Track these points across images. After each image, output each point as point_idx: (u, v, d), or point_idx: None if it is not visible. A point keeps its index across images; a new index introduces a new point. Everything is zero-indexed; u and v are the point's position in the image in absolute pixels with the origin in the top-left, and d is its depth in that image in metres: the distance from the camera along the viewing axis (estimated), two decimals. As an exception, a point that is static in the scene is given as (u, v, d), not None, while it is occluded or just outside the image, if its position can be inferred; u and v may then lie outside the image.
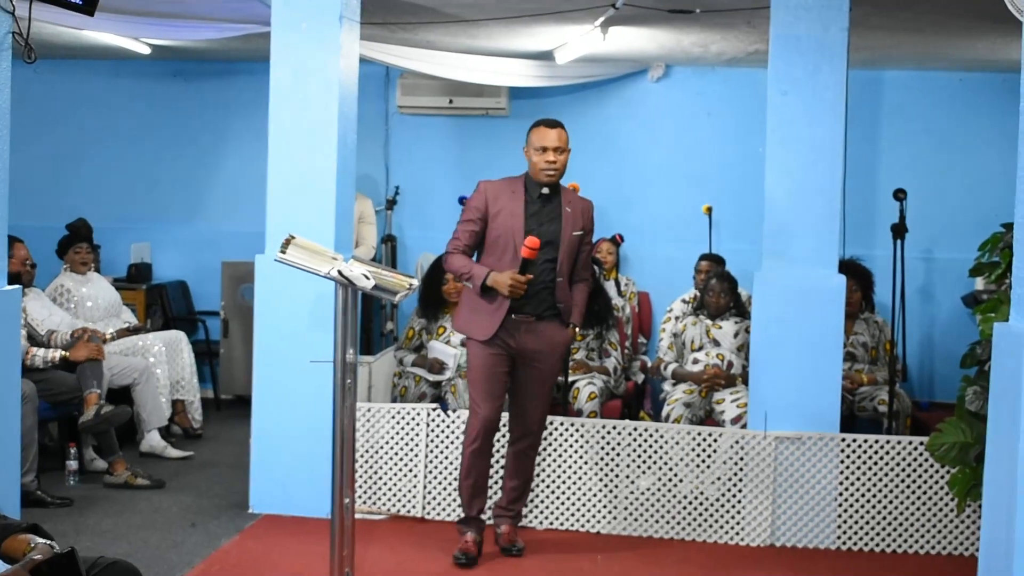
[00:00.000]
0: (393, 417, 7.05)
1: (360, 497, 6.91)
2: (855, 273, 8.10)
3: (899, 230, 7.65)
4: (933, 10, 7.74)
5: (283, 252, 5.14)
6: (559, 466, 6.88)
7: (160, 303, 10.60)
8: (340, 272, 5.03)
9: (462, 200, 10.51)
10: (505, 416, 6.57)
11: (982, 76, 10.65)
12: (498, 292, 6.12)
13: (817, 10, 6.68)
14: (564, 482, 6.87)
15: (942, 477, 6.61)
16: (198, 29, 8.50)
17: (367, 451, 7.01)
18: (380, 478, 7.03)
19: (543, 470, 6.87)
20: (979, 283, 9.66)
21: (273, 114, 6.99)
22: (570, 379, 7.76)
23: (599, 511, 6.86)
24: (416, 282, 5.38)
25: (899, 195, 7.87)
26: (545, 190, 6.26)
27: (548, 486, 6.88)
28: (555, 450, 6.89)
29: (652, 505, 6.84)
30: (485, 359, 6.23)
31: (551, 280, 6.24)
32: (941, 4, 7.53)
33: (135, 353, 8.56)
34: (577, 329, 6.48)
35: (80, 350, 7.58)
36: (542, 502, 6.88)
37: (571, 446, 6.88)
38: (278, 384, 6.98)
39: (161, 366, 8.61)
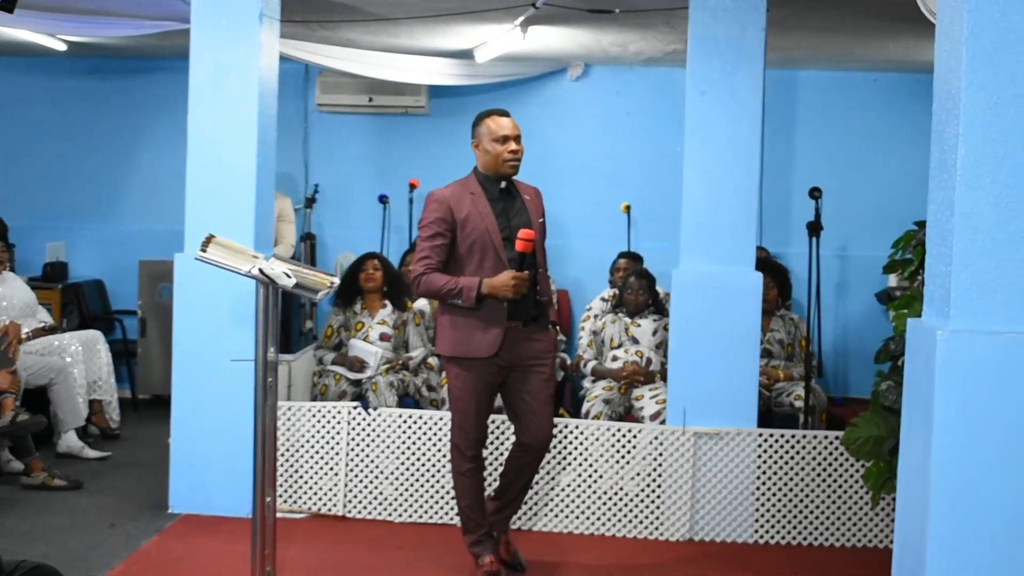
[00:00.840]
0: (314, 416, 7.04)
1: (281, 496, 6.89)
2: (772, 270, 8.20)
3: (815, 228, 7.77)
4: (848, 12, 7.86)
5: (203, 251, 5.12)
6: (480, 463, 6.91)
7: (76, 302, 10.50)
8: (261, 271, 5.01)
9: (382, 199, 10.55)
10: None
11: (896, 76, 10.82)
12: (497, 298, 5.71)
13: (735, 11, 6.75)
14: (484, 478, 6.89)
15: (857, 471, 6.71)
16: (116, 26, 8.42)
17: (288, 450, 7.00)
18: (301, 477, 7.02)
19: (464, 467, 6.89)
20: (892, 280, 9.80)
21: (192, 112, 6.96)
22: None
23: (521, 507, 6.89)
24: (337, 280, 5.38)
25: (815, 193, 8.00)
26: (503, 184, 5.91)
27: (469, 483, 6.90)
28: (476, 447, 6.91)
29: (572, 501, 6.88)
30: (478, 381, 5.85)
31: (533, 274, 5.84)
32: (856, 6, 7.64)
33: (51, 353, 8.47)
34: (558, 329, 6.06)
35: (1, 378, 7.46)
36: (463, 499, 6.90)
37: (490, 443, 6.90)
38: (198, 383, 6.94)
39: (78, 366, 8.52)
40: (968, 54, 3.25)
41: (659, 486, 6.86)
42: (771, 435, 6.83)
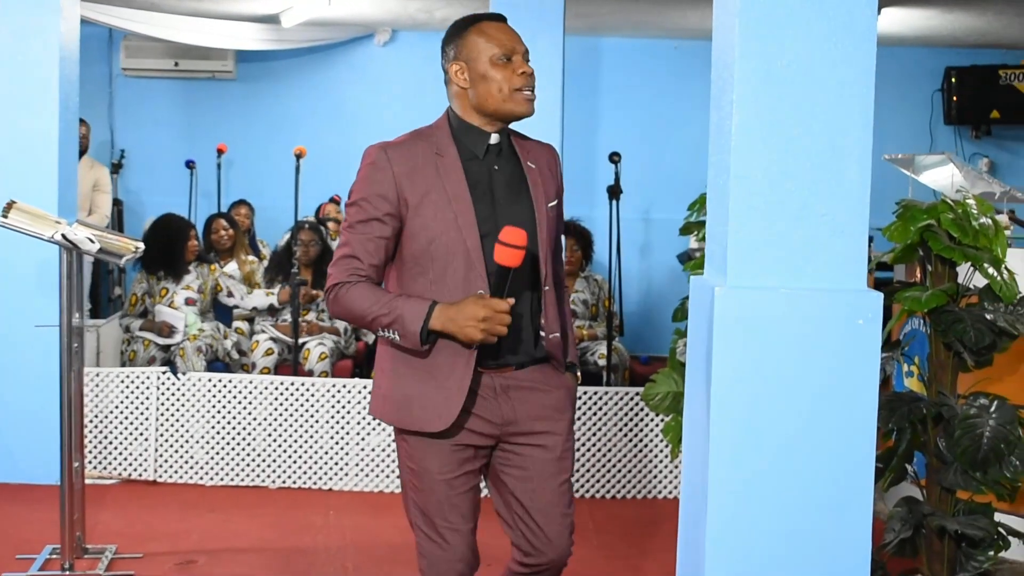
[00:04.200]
0: (122, 381, 7.02)
1: (90, 463, 6.87)
2: (575, 233, 8.40)
3: (615, 191, 7.99)
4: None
5: (4, 217, 5.10)
6: (290, 425, 6.97)
7: None
8: (64, 236, 5.02)
9: (189, 164, 10.49)
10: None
11: (696, 44, 11.13)
12: (456, 340, 3.48)
13: (535, -22, 6.92)
14: (296, 440, 6.97)
15: (657, 425, 6.95)
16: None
17: (96, 416, 6.97)
18: (111, 443, 7.00)
19: (275, 429, 6.95)
20: (693, 241, 10.10)
21: (-9, 77, 6.87)
22: (300, 340, 7.86)
23: (331, 468, 6.99)
24: (142, 245, 5.39)
25: (614, 158, 8.23)
26: (495, 138, 3.63)
27: (280, 445, 6.97)
28: (286, 410, 6.97)
29: (381, 461, 6.99)
30: (439, 464, 3.59)
31: (533, 296, 3.70)
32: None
33: None
34: (579, 374, 3.95)
35: None
36: (274, 461, 6.96)
37: (302, 406, 6.98)
38: (2, 350, 6.87)
39: None
40: (741, 26, 3.45)
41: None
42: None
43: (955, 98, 11.19)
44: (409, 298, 3.49)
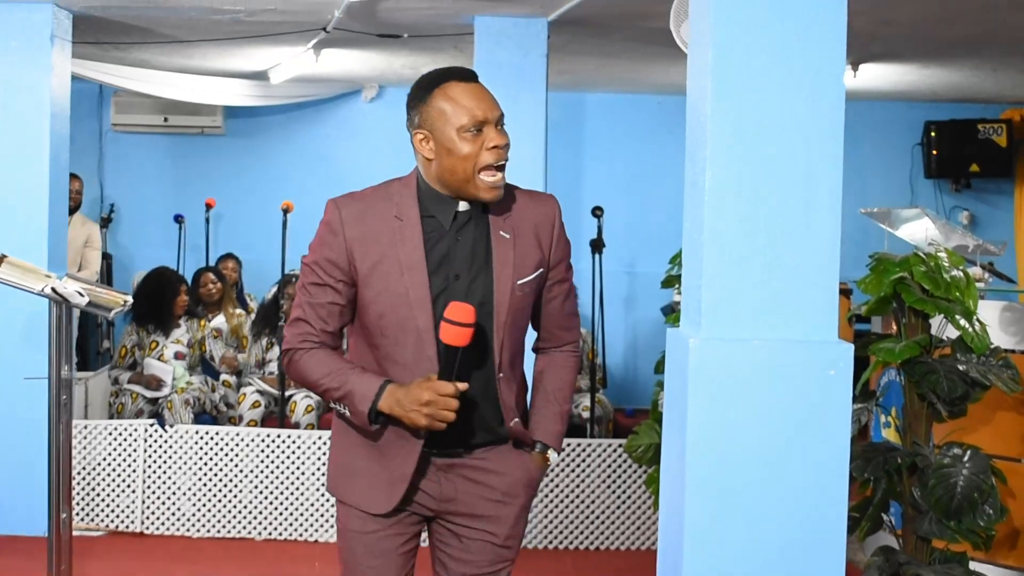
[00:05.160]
0: (110, 434, 7.08)
1: (78, 515, 6.91)
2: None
3: (597, 245, 8.08)
4: (627, 38, 8.18)
5: (-5, 271, 5.16)
6: (277, 477, 7.02)
7: None
8: (54, 289, 5.08)
9: (178, 218, 10.57)
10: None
11: (679, 99, 11.23)
12: (402, 424, 3.24)
13: (517, 37, 7.03)
14: (282, 492, 7.02)
15: (640, 477, 7.01)
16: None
17: (85, 468, 7.02)
18: (98, 495, 7.04)
19: (262, 481, 7.00)
20: (675, 294, 10.19)
21: (-18, 134, 6.96)
22: (287, 393, 7.92)
23: (317, 520, 7.03)
24: (130, 299, 5.45)
25: (596, 212, 8.32)
26: (463, 205, 3.34)
27: (266, 497, 7.01)
28: (273, 462, 7.02)
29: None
30: (369, 539, 3.40)
31: (486, 378, 3.37)
32: (634, 33, 7.97)
33: None
34: (551, 455, 3.58)
35: None
36: (260, 513, 7.01)
37: (288, 458, 7.03)
38: (-9, 403, 6.94)
39: None
40: (713, 83, 3.54)
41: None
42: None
43: (934, 152, 11.30)
44: (363, 373, 3.26)
